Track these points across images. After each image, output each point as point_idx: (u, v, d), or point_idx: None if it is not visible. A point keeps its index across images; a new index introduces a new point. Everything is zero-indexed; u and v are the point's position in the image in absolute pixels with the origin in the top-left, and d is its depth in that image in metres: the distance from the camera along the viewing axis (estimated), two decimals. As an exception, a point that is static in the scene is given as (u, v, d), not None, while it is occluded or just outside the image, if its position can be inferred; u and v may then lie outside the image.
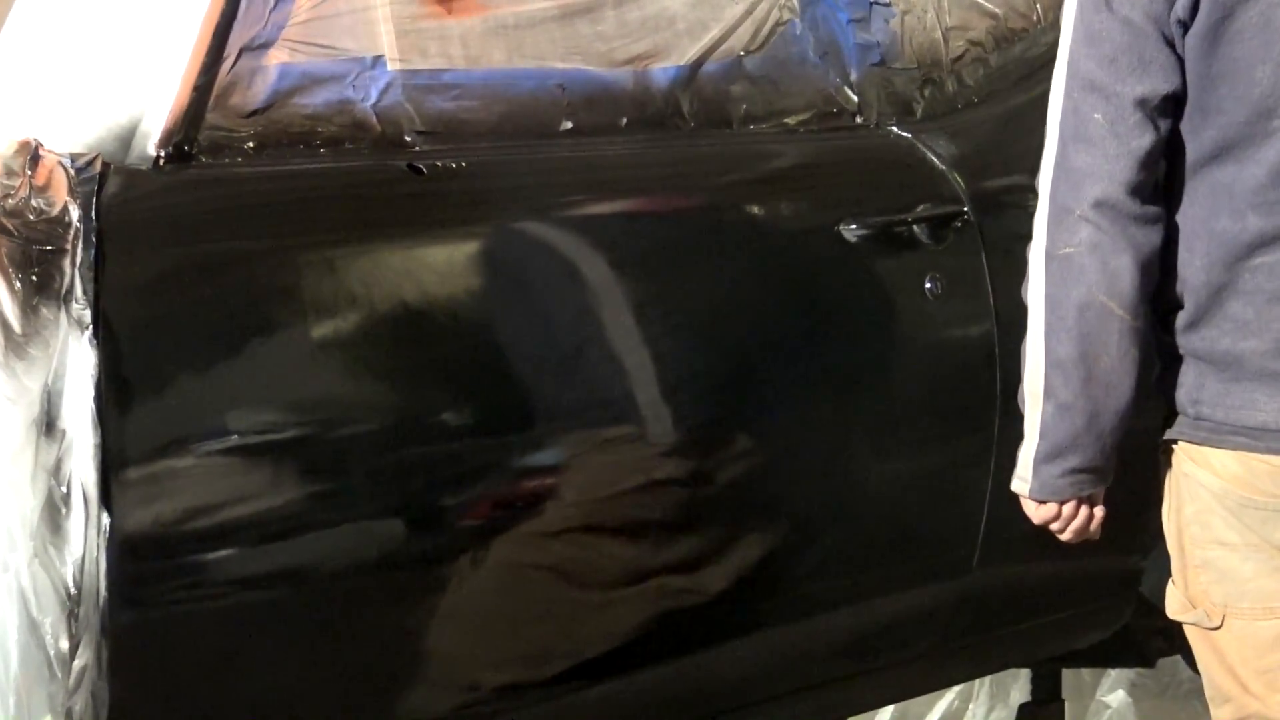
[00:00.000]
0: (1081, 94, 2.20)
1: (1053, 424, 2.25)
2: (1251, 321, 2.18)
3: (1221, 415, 2.22)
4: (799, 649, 2.79)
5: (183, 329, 2.16)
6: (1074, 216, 2.18)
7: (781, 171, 2.76)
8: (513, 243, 2.44)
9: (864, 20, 2.90)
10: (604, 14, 2.66)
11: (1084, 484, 2.31)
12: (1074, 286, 2.19)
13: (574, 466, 2.43)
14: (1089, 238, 2.16)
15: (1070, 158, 2.20)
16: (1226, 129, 2.16)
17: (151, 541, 2.10)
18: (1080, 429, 2.25)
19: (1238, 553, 2.27)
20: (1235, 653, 2.31)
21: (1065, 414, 2.24)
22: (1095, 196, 2.16)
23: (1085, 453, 2.27)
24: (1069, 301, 2.19)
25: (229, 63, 2.31)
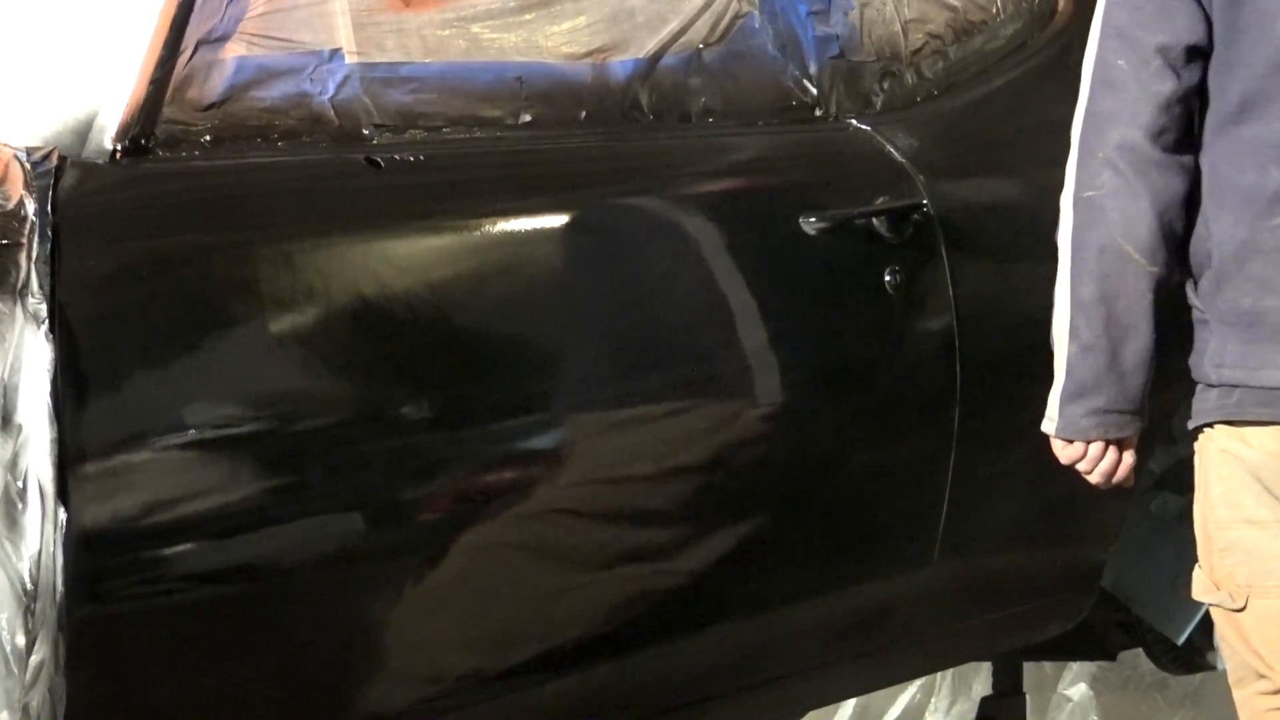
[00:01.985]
0: (1109, 41, 2.31)
1: (1077, 364, 2.35)
2: (1273, 279, 2.26)
3: (1242, 376, 2.30)
4: (759, 643, 2.80)
5: (140, 323, 2.16)
6: (1097, 159, 2.28)
7: (740, 164, 2.77)
8: (471, 236, 2.45)
9: (823, 13, 2.92)
10: (562, 7, 2.67)
11: (1108, 425, 2.40)
12: (1095, 229, 2.30)
13: (535, 459, 2.45)
14: (1110, 181, 2.27)
15: (1096, 101, 2.31)
16: (1249, 82, 2.25)
17: (109, 536, 2.10)
18: (1102, 369, 2.35)
19: (1267, 530, 2.34)
20: (1260, 632, 2.38)
21: (1088, 354, 2.35)
22: (1117, 139, 2.26)
23: (1108, 393, 2.36)
24: (1090, 244, 2.31)
25: (186, 56, 2.32)
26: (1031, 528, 3.10)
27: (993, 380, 2.86)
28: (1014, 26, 3.13)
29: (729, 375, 2.60)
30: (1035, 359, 2.90)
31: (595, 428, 2.49)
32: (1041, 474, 2.99)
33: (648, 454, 2.53)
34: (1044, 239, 2.92)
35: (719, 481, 2.62)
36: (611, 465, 2.51)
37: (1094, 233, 2.31)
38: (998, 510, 3.01)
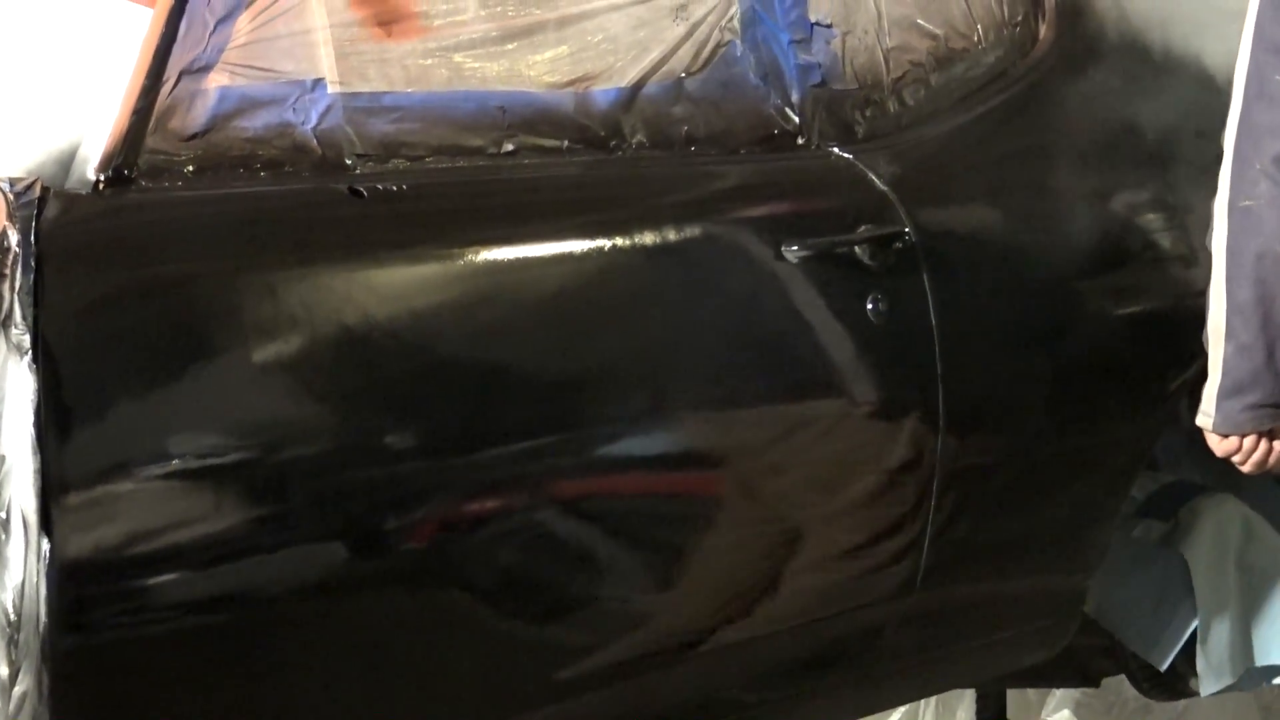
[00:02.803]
0: (1265, 55, 2.40)
1: (1234, 362, 2.50)
2: None
3: None
4: (742, 672, 2.81)
5: (123, 353, 2.17)
6: (1254, 170, 2.39)
7: (722, 192, 2.77)
8: (454, 265, 2.45)
9: (805, 41, 2.92)
10: (544, 36, 2.68)
11: (1263, 418, 2.56)
12: (1252, 237, 2.43)
13: (518, 487, 2.44)
14: (1267, 191, 2.38)
15: (1252, 115, 2.40)
16: None
17: (92, 567, 2.11)
18: (1260, 366, 2.51)
19: None
20: None
21: (1245, 353, 2.50)
22: (1275, 152, 2.39)
23: (1265, 389, 2.53)
24: (1248, 250, 2.42)
25: (169, 86, 2.33)
26: (1014, 554, 3.10)
27: (975, 408, 2.86)
28: (995, 55, 3.15)
29: (710, 403, 2.60)
30: (1017, 384, 2.94)
31: (578, 455, 2.49)
32: (1024, 500, 3.03)
33: (629, 482, 2.55)
34: (1027, 265, 2.97)
35: (700, 511, 2.63)
36: (594, 492, 2.52)
37: (1251, 240, 2.43)
38: (980, 537, 3.01)
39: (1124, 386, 3.12)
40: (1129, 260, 3.12)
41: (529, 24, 2.66)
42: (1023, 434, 2.97)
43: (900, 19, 3.06)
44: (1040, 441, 3.01)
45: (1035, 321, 2.97)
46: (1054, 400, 3.00)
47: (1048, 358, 2.99)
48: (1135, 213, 3.16)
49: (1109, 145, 3.19)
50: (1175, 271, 3.15)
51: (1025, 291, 2.97)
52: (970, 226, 2.97)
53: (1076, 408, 3.04)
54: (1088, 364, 3.05)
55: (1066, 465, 3.09)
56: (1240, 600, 3.56)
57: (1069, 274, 3.03)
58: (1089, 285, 3.06)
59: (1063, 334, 3.01)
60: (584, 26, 2.71)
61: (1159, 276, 3.14)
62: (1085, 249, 3.05)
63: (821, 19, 2.95)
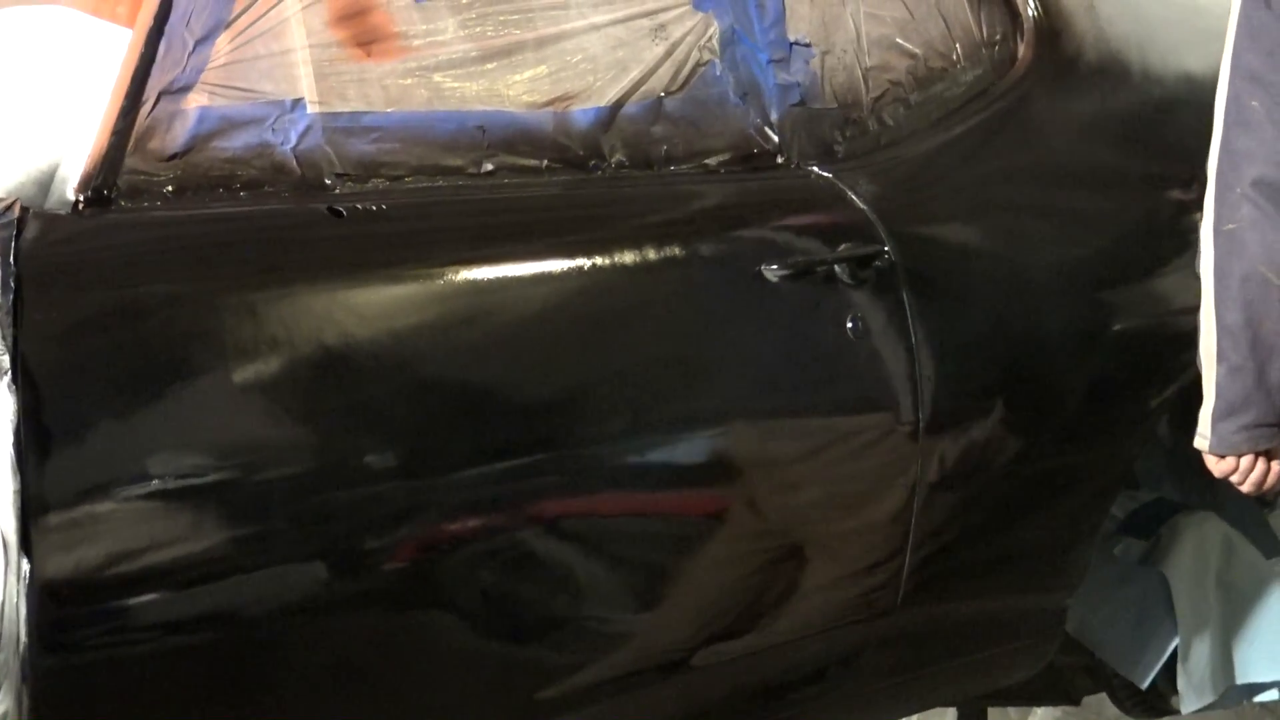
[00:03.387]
0: (1242, 83, 2.48)
1: (1226, 384, 2.57)
2: None
3: None
4: (722, 692, 2.82)
5: (103, 374, 2.17)
6: (1235, 194, 2.46)
7: (702, 212, 2.77)
8: (433, 285, 2.46)
9: (784, 61, 2.94)
10: (524, 56, 2.69)
11: (1259, 438, 2.60)
12: (1237, 259, 2.50)
13: (499, 507, 2.45)
14: (1249, 214, 2.46)
15: (1231, 141, 2.48)
16: None
17: (73, 587, 2.11)
18: (1251, 387, 2.55)
19: None
20: None
21: (1236, 375, 2.55)
22: (1254, 176, 2.44)
23: (1258, 409, 2.57)
24: (1233, 273, 2.50)
25: (148, 106, 2.35)
26: (995, 573, 3.11)
27: (956, 427, 2.87)
28: (974, 74, 3.16)
29: (689, 423, 2.61)
30: (997, 403, 2.94)
31: (558, 475, 2.49)
32: (1004, 520, 3.04)
33: (609, 503, 2.55)
34: (1006, 285, 2.98)
35: (681, 531, 2.64)
36: (574, 512, 2.52)
37: (1236, 262, 2.49)
38: (961, 556, 3.02)
39: (1104, 405, 3.12)
40: (1108, 279, 3.13)
41: (508, 44, 2.68)
42: (1003, 453, 2.98)
43: (879, 39, 3.08)
44: (1020, 461, 3.01)
45: (1015, 341, 2.98)
46: (1034, 420, 3.01)
47: (1027, 377, 2.99)
48: (1114, 232, 3.17)
49: (1088, 164, 3.20)
50: (1154, 290, 3.16)
51: (1005, 310, 2.97)
52: (950, 245, 2.98)
53: (1056, 427, 3.05)
54: (1067, 383, 3.05)
55: (1047, 484, 3.10)
56: (1221, 618, 3.57)
57: (1048, 293, 3.03)
58: (1068, 304, 3.06)
59: (1042, 353, 3.01)
60: (563, 46, 2.73)
61: (1138, 295, 3.15)
62: (1064, 268, 3.06)
63: (800, 38, 2.97)
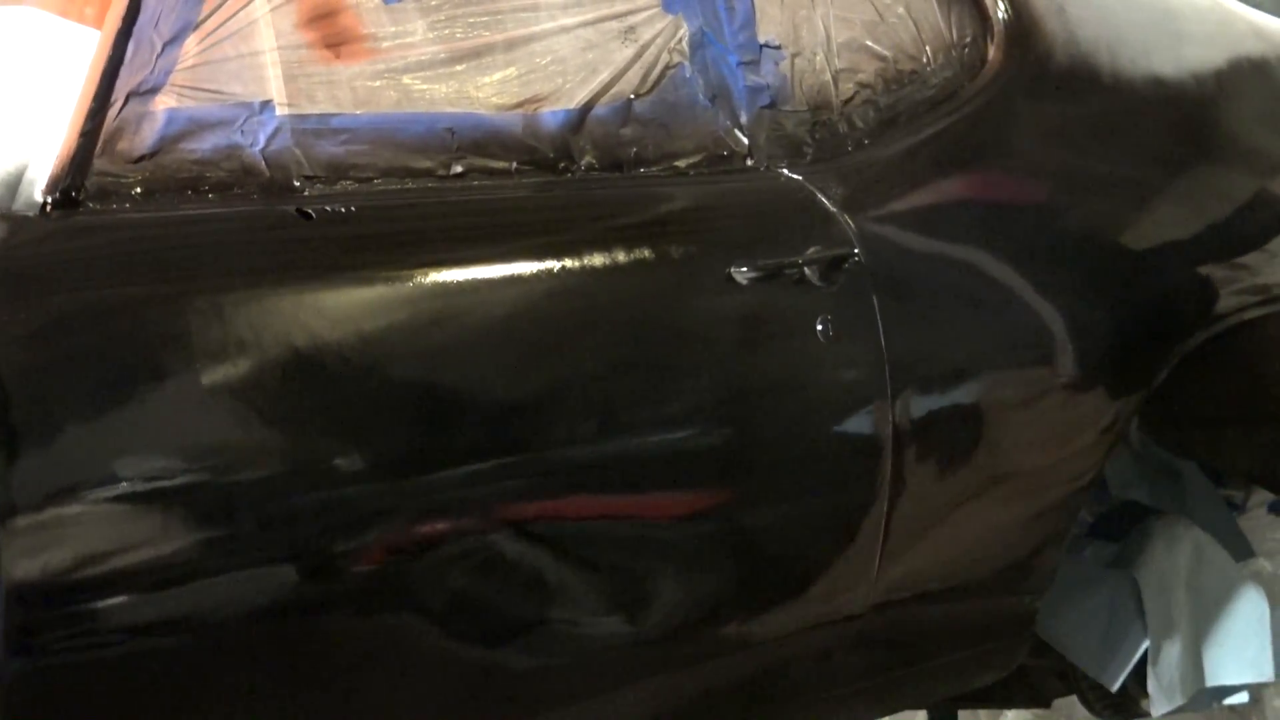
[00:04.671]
0: None
1: None
2: None
3: None
4: (692, 694, 2.83)
5: (71, 376, 2.18)
6: None
7: (672, 214, 2.79)
8: (402, 287, 2.47)
9: (754, 63, 2.95)
10: (493, 58, 2.70)
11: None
12: None
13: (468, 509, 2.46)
14: None
15: None
16: None
17: (41, 590, 2.12)
18: None
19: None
20: None
21: None
22: None
23: None
24: None
25: (116, 108, 2.35)
26: (965, 575, 3.13)
27: (925, 428, 2.89)
28: (944, 76, 3.17)
29: (660, 426, 2.62)
30: (966, 405, 2.96)
31: (528, 478, 2.51)
32: (974, 522, 3.06)
33: (579, 506, 2.56)
34: (976, 286, 3.00)
35: (652, 534, 2.65)
36: (544, 515, 2.53)
37: None
38: (930, 558, 3.04)
39: (1073, 408, 3.15)
40: (1077, 282, 3.15)
41: (477, 46, 2.69)
42: (972, 455, 3.00)
43: (849, 41, 3.09)
44: (989, 463, 3.03)
45: (985, 343, 3.00)
46: (1002, 421, 3.03)
47: (997, 379, 3.02)
48: (1084, 233, 3.19)
49: (1057, 166, 3.22)
50: (1122, 292, 3.18)
51: (975, 312, 2.99)
52: (919, 248, 2.99)
53: (1025, 429, 3.07)
54: (1036, 385, 3.07)
55: (1015, 487, 3.11)
56: (1191, 621, 3.60)
57: (1018, 295, 3.05)
58: (1038, 306, 3.08)
59: (1012, 356, 3.03)
60: (532, 48, 2.74)
61: (1106, 297, 3.17)
62: (1033, 270, 3.08)
63: (770, 41, 2.98)
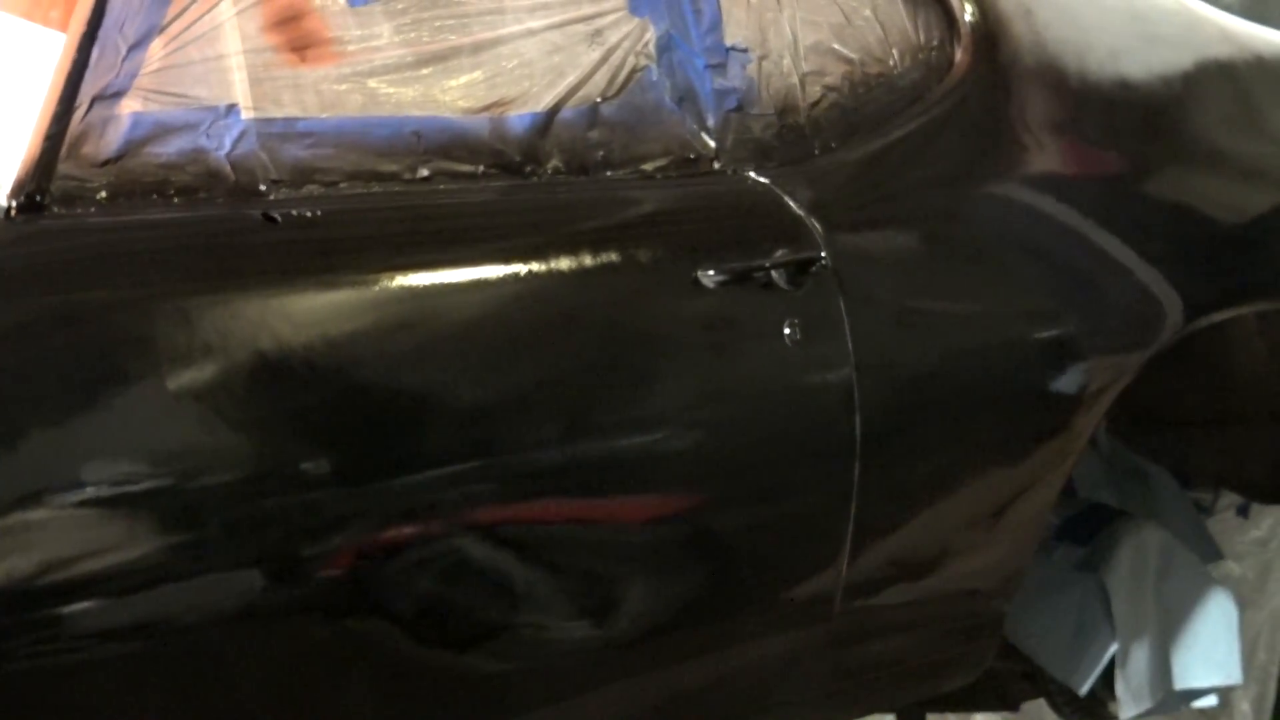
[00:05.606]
0: None
1: None
2: None
3: None
4: (661, 697, 2.85)
5: (36, 381, 2.19)
6: None
7: (639, 218, 2.80)
8: (368, 291, 2.48)
9: (721, 66, 2.96)
10: (459, 61, 2.71)
11: None
12: None
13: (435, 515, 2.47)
14: None
15: None
16: None
17: (5, 596, 2.13)
18: None
19: None
20: None
21: None
22: None
23: None
24: None
25: (81, 112, 2.35)
26: (933, 578, 3.15)
27: (892, 431, 2.90)
28: (912, 79, 3.18)
29: (627, 429, 2.64)
30: (934, 409, 2.98)
31: (495, 482, 2.52)
32: (942, 524, 3.08)
33: (547, 509, 2.58)
34: (943, 290, 3.01)
35: (619, 538, 2.67)
36: (511, 519, 2.55)
37: None
38: (898, 561, 3.06)
39: (1041, 411, 3.16)
40: (1046, 285, 3.17)
41: (444, 49, 2.69)
42: (939, 458, 3.01)
43: (816, 44, 3.09)
44: (956, 465, 3.05)
45: (951, 346, 3.01)
46: (970, 425, 3.05)
47: (964, 383, 3.03)
48: (1050, 238, 3.21)
49: (1025, 169, 3.24)
50: (1090, 295, 3.20)
51: (941, 315, 3.01)
52: (887, 251, 3.00)
53: (993, 432, 3.09)
54: (1004, 388, 3.09)
55: (983, 490, 3.13)
56: (1159, 624, 3.62)
57: (984, 299, 3.07)
58: (1006, 309, 3.10)
59: (979, 359, 3.05)
60: (499, 52, 2.75)
61: (1074, 300, 3.18)
62: (1000, 274, 3.11)
63: (737, 44, 2.99)
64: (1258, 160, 3.62)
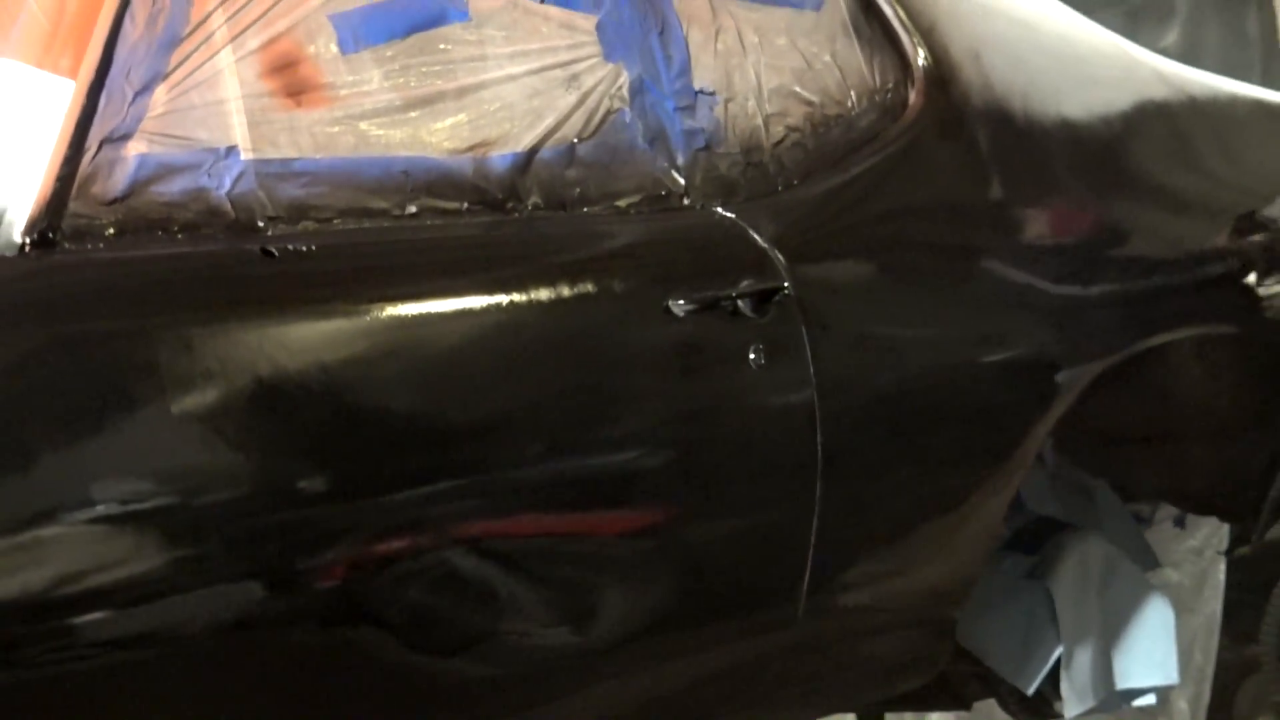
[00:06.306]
0: None
1: None
2: None
3: None
4: (635, 699, 2.85)
5: (47, 405, 2.18)
6: None
7: (613, 250, 2.80)
8: (360, 320, 2.48)
9: (690, 108, 2.97)
10: (445, 105, 2.71)
11: None
12: None
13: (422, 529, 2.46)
14: None
15: None
16: None
17: (20, 608, 2.13)
18: None
19: None
20: None
21: None
22: None
23: None
24: None
25: (90, 154, 2.35)
26: (891, 586, 3.15)
27: (852, 449, 2.90)
28: (868, 119, 3.19)
29: (604, 447, 2.64)
30: (891, 428, 2.98)
31: (478, 498, 2.52)
32: (898, 538, 3.08)
33: (526, 523, 2.57)
34: (898, 316, 3.02)
35: (593, 548, 2.67)
36: (493, 532, 2.54)
37: None
38: (859, 572, 3.06)
39: (991, 429, 3.17)
40: (994, 311, 3.18)
41: (430, 93, 2.69)
42: (897, 474, 3.02)
43: (779, 87, 3.10)
44: (913, 481, 3.06)
45: (907, 369, 3.02)
46: (925, 443, 3.05)
47: (919, 403, 3.04)
48: (1000, 267, 3.22)
49: (974, 202, 3.24)
50: (1037, 320, 3.21)
51: (897, 341, 3.02)
52: (845, 280, 3.02)
53: (946, 450, 3.10)
54: (957, 408, 3.10)
55: (938, 504, 3.13)
56: (1101, 629, 3.63)
57: (939, 324, 3.08)
58: (958, 334, 3.11)
59: (933, 381, 3.06)
60: (482, 95, 2.75)
61: (1022, 325, 3.19)
62: (953, 301, 3.11)
63: (705, 87, 3.00)
64: (1191, 194, 3.64)
